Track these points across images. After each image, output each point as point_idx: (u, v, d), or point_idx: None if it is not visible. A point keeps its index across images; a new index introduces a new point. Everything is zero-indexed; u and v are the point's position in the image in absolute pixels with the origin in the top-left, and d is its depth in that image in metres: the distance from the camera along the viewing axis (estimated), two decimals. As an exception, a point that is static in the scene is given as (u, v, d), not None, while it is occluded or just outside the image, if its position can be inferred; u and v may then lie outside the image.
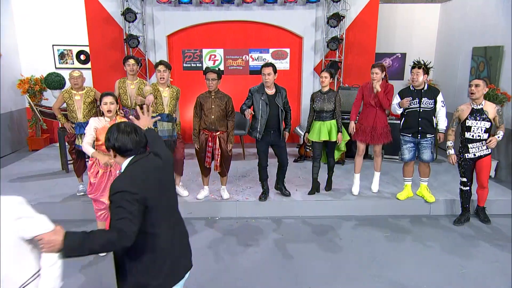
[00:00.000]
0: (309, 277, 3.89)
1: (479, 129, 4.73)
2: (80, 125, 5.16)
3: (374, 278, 3.87)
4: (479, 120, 4.71)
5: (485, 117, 4.69)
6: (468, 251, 4.42)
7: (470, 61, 7.82)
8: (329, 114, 5.22)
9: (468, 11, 8.00)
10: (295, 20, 8.11)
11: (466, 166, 4.93)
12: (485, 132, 4.71)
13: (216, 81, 4.92)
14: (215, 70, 4.95)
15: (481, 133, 4.73)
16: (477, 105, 4.74)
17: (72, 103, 5.18)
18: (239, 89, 8.27)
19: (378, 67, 5.20)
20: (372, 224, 5.07)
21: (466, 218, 5.14)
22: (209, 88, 4.95)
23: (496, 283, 3.82)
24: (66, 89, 5.26)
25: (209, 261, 4.19)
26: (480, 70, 7.45)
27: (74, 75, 5.17)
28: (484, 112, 4.70)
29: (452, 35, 8.57)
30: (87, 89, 5.28)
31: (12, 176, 6.37)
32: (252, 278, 3.88)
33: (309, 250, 4.42)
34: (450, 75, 8.61)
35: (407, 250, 4.44)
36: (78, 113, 5.19)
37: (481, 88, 4.69)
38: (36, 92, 8.54)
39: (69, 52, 8.97)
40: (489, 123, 4.68)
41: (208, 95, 4.99)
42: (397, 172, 6.33)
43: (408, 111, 5.14)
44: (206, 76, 4.92)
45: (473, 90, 4.69)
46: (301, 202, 5.35)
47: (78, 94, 5.19)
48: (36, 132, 8.81)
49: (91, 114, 5.24)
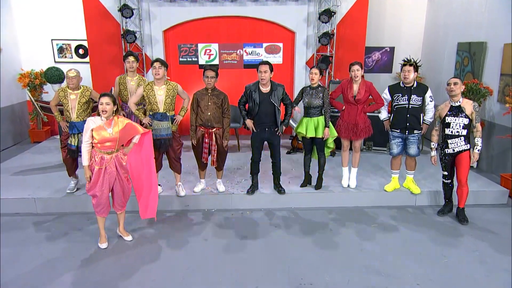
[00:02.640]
0: (301, 268, 3.93)
1: (458, 125, 4.75)
2: (73, 124, 4.99)
3: (362, 269, 3.92)
4: (458, 116, 4.74)
5: (463, 113, 4.71)
6: (450, 241, 4.48)
7: (455, 55, 7.82)
8: (317, 110, 5.15)
9: (454, 8, 7.97)
10: (288, 16, 8.04)
11: (446, 161, 4.96)
12: (463, 128, 4.72)
13: (214, 79, 4.85)
14: (213, 68, 4.86)
15: (459, 129, 4.74)
16: (455, 103, 4.76)
17: (66, 102, 4.97)
18: (234, 83, 8.26)
19: (359, 64, 5.17)
20: (360, 215, 5.11)
21: (449, 209, 5.19)
22: (206, 86, 4.89)
23: (476, 271, 3.89)
24: (62, 88, 5.05)
25: (207, 251, 4.23)
26: (465, 64, 7.45)
27: (70, 75, 4.91)
28: (462, 108, 4.71)
29: (439, 30, 8.55)
30: (83, 89, 5.04)
31: (15, 169, 6.32)
32: (247, 268, 3.92)
33: (301, 241, 4.46)
34: (436, 68, 8.61)
35: (393, 240, 4.49)
36: (72, 113, 4.98)
37: (459, 86, 4.68)
38: (36, 86, 8.43)
39: (67, 46, 8.84)
40: (467, 119, 4.70)
41: (204, 92, 4.94)
42: (385, 163, 6.38)
43: (397, 108, 5.14)
44: (205, 74, 4.83)
45: (453, 88, 4.68)
46: (293, 194, 5.37)
47: (74, 93, 4.97)
48: (37, 125, 8.73)
49: (86, 114, 5.05)
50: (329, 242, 4.44)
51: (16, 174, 6.11)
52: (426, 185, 5.65)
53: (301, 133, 5.25)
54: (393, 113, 5.23)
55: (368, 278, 3.77)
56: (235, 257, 4.14)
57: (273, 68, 4.93)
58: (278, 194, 5.32)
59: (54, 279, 3.73)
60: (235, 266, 3.97)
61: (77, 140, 5.04)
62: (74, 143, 5.04)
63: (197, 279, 3.75)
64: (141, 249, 4.29)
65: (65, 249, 4.27)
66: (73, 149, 5.07)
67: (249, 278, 3.78)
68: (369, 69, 9.22)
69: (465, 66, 7.44)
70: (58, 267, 3.92)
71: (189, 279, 3.75)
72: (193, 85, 8.34)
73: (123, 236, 4.48)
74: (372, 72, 9.22)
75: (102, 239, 4.32)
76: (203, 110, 4.92)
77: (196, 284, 3.69)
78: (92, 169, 4.03)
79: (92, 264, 4.00)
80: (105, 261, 4.05)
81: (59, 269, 3.89)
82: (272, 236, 4.58)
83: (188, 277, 3.78)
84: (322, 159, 5.35)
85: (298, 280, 3.72)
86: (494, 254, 4.19)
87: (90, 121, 3.97)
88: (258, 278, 3.77)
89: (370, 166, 6.46)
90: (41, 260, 4.06)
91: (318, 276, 3.80)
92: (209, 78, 4.80)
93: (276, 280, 3.73)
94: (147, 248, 4.30)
